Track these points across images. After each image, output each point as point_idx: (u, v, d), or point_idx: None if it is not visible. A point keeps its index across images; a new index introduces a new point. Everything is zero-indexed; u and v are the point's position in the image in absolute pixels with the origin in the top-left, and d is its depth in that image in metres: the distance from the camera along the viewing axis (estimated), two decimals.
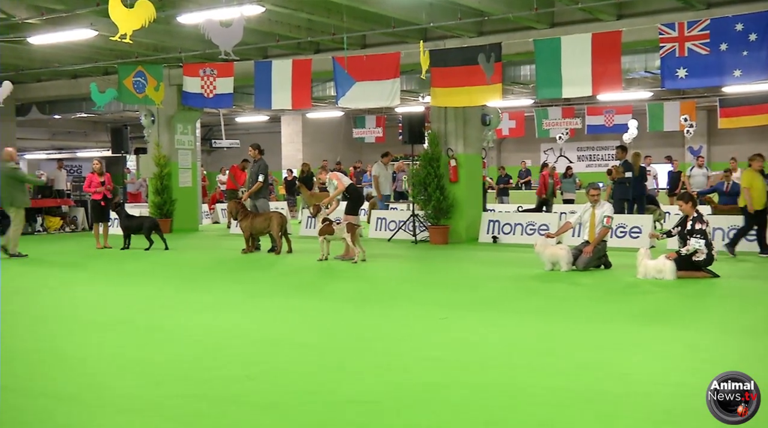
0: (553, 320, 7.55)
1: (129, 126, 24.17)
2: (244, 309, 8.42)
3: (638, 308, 8.31)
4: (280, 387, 5.15)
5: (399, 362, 5.84)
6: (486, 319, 7.64)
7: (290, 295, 9.48)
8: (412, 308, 8.31)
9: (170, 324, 7.55)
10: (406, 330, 7.15)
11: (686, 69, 11.89)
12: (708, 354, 6.02)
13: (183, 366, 5.77)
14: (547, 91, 13.53)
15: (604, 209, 11.33)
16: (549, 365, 5.65)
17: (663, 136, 28.90)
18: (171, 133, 20.01)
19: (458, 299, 8.93)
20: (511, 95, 24.23)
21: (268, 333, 7.05)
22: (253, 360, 5.98)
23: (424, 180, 16.03)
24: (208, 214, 24.57)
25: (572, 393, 4.90)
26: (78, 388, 5.23)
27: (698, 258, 10.07)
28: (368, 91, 14.59)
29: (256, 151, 14.65)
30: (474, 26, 15.30)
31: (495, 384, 5.15)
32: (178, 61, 17.91)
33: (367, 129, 29.66)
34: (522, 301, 8.83)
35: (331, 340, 6.73)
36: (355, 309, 8.40)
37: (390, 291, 9.75)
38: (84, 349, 6.48)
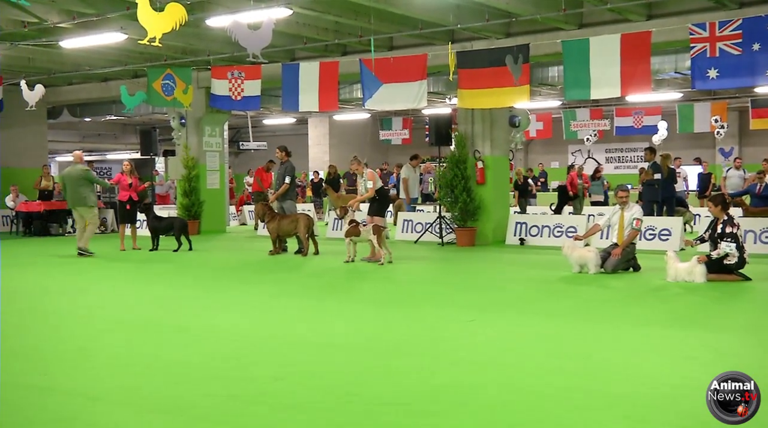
0: (581, 323, 7.48)
1: (158, 128, 24.32)
2: (272, 310, 8.45)
3: (667, 311, 8.22)
4: (310, 388, 5.16)
5: (429, 363, 5.83)
6: (514, 322, 7.59)
7: (318, 297, 9.49)
8: (439, 310, 8.28)
9: (199, 324, 7.60)
10: (435, 332, 7.13)
11: (717, 69, 11.73)
12: (737, 358, 5.93)
13: (213, 366, 5.80)
14: (575, 92, 13.43)
15: (634, 211, 11.21)
16: (579, 367, 5.61)
17: (693, 138, 28.58)
18: (199, 135, 20.17)
19: (486, 301, 8.89)
20: (539, 97, 24.10)
21: (297, 334, 7.06)
22: (283, 361, 6.00)
23: (450, 182, 15.98)
24: (235, 215, 24.72)
25: (602, 395, 4.86)
26: (107, 388, 5.28)
27: (729, 262, 9.93)
28: (395, 93, 14.58)
29: (283, 152, 14.73)
30: (501, 27, 15.24)
31: (525, 386, 5.12)
32: (206, 63, 18.04)
33: (393, 131, 29.69)
34: (550, 304, 8.77)
35: (359, 342, 6.73)
36: (382, 311, 8.39)
37: (417, 293, 9.73)
38: (113, 349, 6.54)
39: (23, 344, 6.75)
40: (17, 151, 22.56)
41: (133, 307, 8.77)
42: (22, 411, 4.77)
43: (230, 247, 16.44)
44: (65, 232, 19.62)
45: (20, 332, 7.33)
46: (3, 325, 7.59)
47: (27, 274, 12.01)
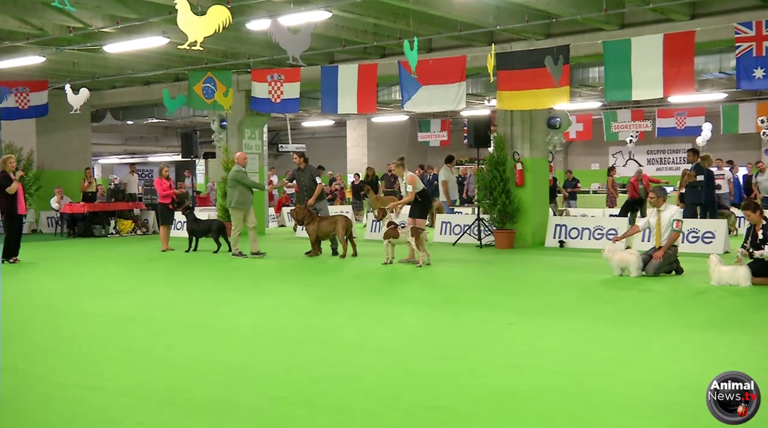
0: (624, 327, 7.39)
1: (198, 131, 24.66)
2: (313, 313, 8.49)
3: (713, 316, 8.08)
4: (351, 391, 5.17)
5: (469, 368, 5.80)
6: (555, 325, 7.52)
7: (357, 299, 9.52)
8: (478, 313, 8.24)
9: (241, 325, 7.67)
10: (474, 335, 7.10)
11: (764, 69, 11.51)
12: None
13: (256, 368, 5.86)
14: (616, 94, 13.26)
15: (673, 212, 11.00)
16: (623, 373, 5.54)
17: (738, 139, 28.08)
18: (239, 137, 20.36)
19: (525, 304, 8.83)
20: (579, 98, 23.86)
21: (338, 337, 7.09)
22: (325, 363, 6.02)
23: (489, 184, 15.91)
24: (274, 217, 24.89)
25: (647, 403, 4.79)
26: (154, 388, 5.34)
27: None
28: (434, 95, 14.56)
29: (301, 158, 14.97)
30: (541, 28, 15.13)
31: (568, 392, 5.07)
32: (246, 66, 18.21)
33: (432, 133, 29.63)
34: (591, 308, 8.68)
35: (399, 345, 6.72)
36: (421, 313, 8.38)
37: (456, 296, 9.69)
38: (159, 350, 6.62)
39: (71, 344, 6.88)
40: (62, 153, 23.03)
41: (178, 309, 8.88)
42: (69, 409, 4.86)
43: (270, 248, 16.53)
44: (108, 234, 19.95)
45: (67, 332, 7.47)
46: (51, 326, 7.76)
47: (74, 274, 12.24)
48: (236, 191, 14.00)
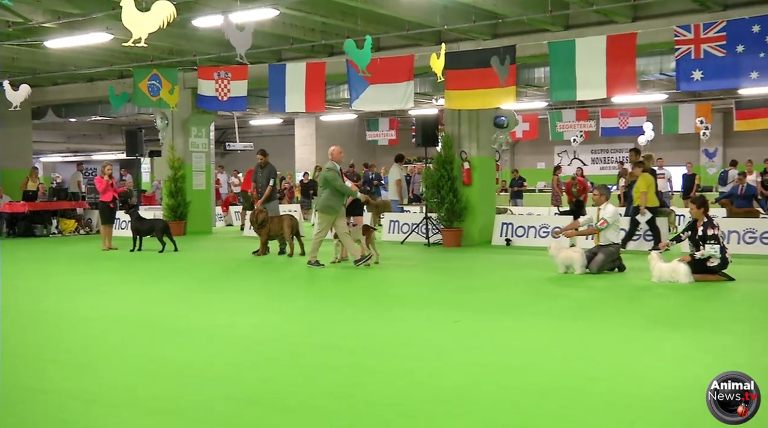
0: (568, 323, 7.53)
1: (144, 129, 24.31)
2: (262, 312, 8.45)
3: (653, 311, 8.27)
4: (304, 390, 5.15)
5: (419, 365, 5.83)
6: (501, 322, 7.62)
7: (305, 298, 9.50)
8: (426, 311, 8.29)
9: (190, 325, 7.58)
10: (422, 332, 7.14)
11: (702, 71, 11.82)
12: (725, 358, 5.98)
13: (207, 368, 5.80)
14: (561, 94, 13.48)
15: (606, 211, 11.26)
16: (568, 368, 5.64)
17: (678, 139, 28.78)
18: (185, 135, 20.11)
19: (472, 302, 8.92)
20: (525, 98, 24.16)
21: (288, 336, 7.07)
22: (276, 362, 5.99)
23: (437, 182, 16.02)
24: (221, 216, 24.65)
25: (593, 396, 4.88)
26: (104, 389, 5.26)
27: (712, 264, 10.00)
28: (382, 94, 14.59)
29: (265, 157, 14.75)
30: (488, 29, 15.29)
31: (516, 387, 5.14)
32: (192, 64, 17.99)
33: (380, 131, 29.70)
34: (537, 304, 8.80)
35: (350, 343, 6.73)
36: (370, 312, 8.40)
37: (404, 295, 9.74)
38: (109, 351, 6.51)
39: (21, 345, 6.70)
40: (2, 151, 22.40)
41: (125, 309, 8.72)
42: (19, 412, 4.74)
43: (217, 248, 16.40)
44: (49, 234, 19.51)
45: (17, 333, 7.27)
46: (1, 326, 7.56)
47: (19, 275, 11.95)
48: (324, 193, 12.15)
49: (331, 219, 12.11)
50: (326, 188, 12.06)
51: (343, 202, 12.23)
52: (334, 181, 11.99)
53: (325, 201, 12.06)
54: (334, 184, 11.99)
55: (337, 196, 12.04)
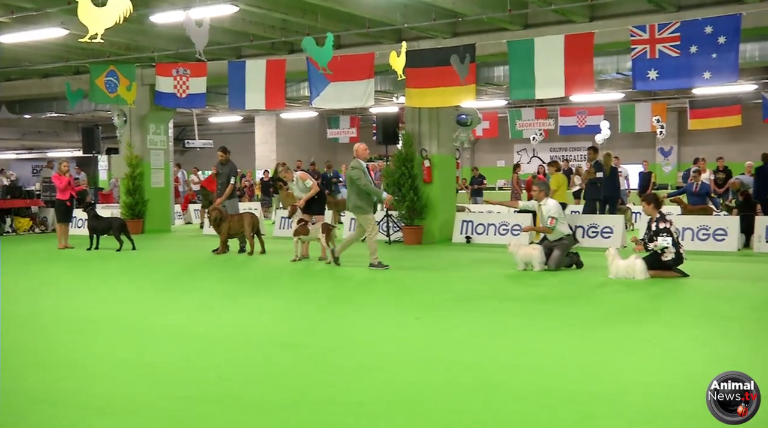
0: (527, 320, 7.60)
1: (101, 126, 23.95)
2: (221, 311, 8.38)
3: (610, 308, 8.41)
4: (262, 388, 5.14)
5: (381, 362, 5.85)
6: (461, 319, 7.67)
7: (266, 296, 9.45)
8: (386, 309, 8.32)
9: (147, 324, 7.50)
10: (382, 330, 7.16)
11: (657, 71, 12.02)
12: (683, 353, 6.09)
13: (162, 368, 5.74)
14: (520, 92, 13.61)
15: (549, 208, 11.40)
16: (527, 365, 5.70)
17: (635, 137, 29.23)
18: (143, 133, 19.87)
19: (432, 299, 8.96)
20: (485, 96, 24.34)
21: (247, 334, 7.02)
22: (234, 361, 5.95)
23: (398, 180, 16.06)
24: (180, 214, 24.41)
25: (552, 392, 4.93)
26: (56, 390, 5.18)
27: (666, 258, 10.18)
28: (342, 92, 14.56)
29: (226, 154, 14.62)
30: (448, 27, 15.36)
31: (477, 384, 5.17)
32: (150, 60, 17.77)
33: (341, 129, 29.66)
34: (496, 301, 8.87)
35: (309, 341, 6.72)
36: (331, 310, 8.40)
37: (365, 292, 9.76)
38: (62, 350, 6.42)
39: None
40: None
41: (80, 308, 8.60)
42: None
43: (175, 247, 16.24)
44: (2, 232, 19.11)
45: None
46: None
47: None
48: (353, 193, 11.71)
49: (372, 219, 11.70)
50: (353, 187, 11.64)
51: (372, 200, 11.84)
52: (358, 180, 11.55)
53: (355, 201, 11.63)
54: (358, 184, 11.55)
55: (365, 194, 11.64)
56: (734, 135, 26.98)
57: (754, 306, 8.37)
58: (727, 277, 10.54)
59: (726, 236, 13.61)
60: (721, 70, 11.59)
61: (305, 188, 13.09)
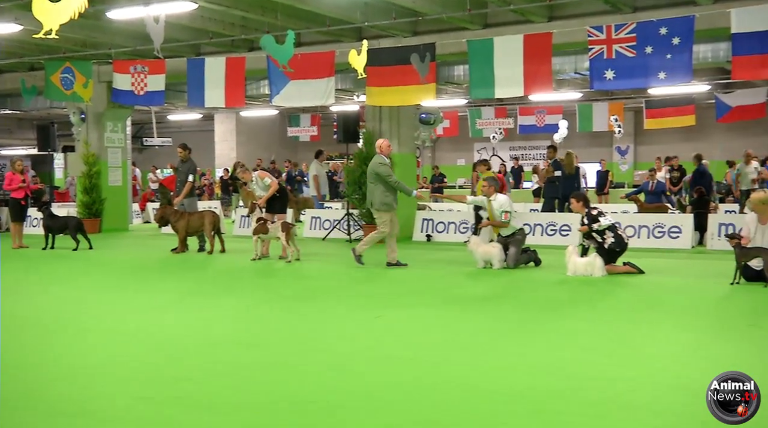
0: (486, 317, 7.67)
1: (56, 123, 23.53)
2: (181, 310, 8.30)
3: (568, 305, 8.52)
4: (220, 388, 5.10)
5: (340, 360, 5.85)
6: (422, 318, 7.70)
7: (225, 295, 9.38)
8: (347, 307, 8.32)
9: (105, 325, 7.40)
10: (343, 328, 7.16)
11: (614, 70, 12.21)
12: (642, 348, 6.20)
13: (121, 368, 5.67)
14: (480, 91, 13.72)
15: (501, 203, 11.49)
16: (485, 362, 5.75)
17: (592, 136, 29.58)
18: (100, 130, 19.57)
19: (392, 297, 8.99)
20: (445, 95, 24.45)
21: (206, 334, 6.96)
22: (194, 361, 5.90)
23: (358, 179, 16.05)
24: (138, 213, 24.11)
25: (506, 388, 4.99)
26: (11, 391, 5.07)
27: (608, 244, 10.33)
28: (303, 90, 14.53)
29: (185, 151, 14.47)
30: (408, 26, 15.41)
31: (433, 382, 5.20)
32: (107, 57, 17.53)
33: (302, 127, 29.55)
34: (456, 299, 8.93)
35: (270, 340, 6.70)
36: (291, 309, 8.37)
37: (325, 291, 9.75)
38: (17, 352, 6.29)
39: None
40: None
41: (36, 309, 8.44)
42: None
43: (133, 246, 16.05)
44: None
45: None
46: None
47: None
48: (378, 189, 11.35)
49: (390, 217, 11.45)
50: (377, 184, 11.30)
51: (397, 197, 11.61)
52: (388, 176, 11.25)
53: (382, 198, 11.31)
54: (388, 181, 11.23)
55: (393, 191, 11.38)
56: (688, 134, 27.47)
57: (708, 302, 8.56)
58: (682, 274, 10.75)
59: (680, 234, 13.87)
60: (676, 70, 11.82)
61: (265, 186, 13.04)
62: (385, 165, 11.39)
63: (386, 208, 11.38)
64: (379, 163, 11.38)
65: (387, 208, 11.39)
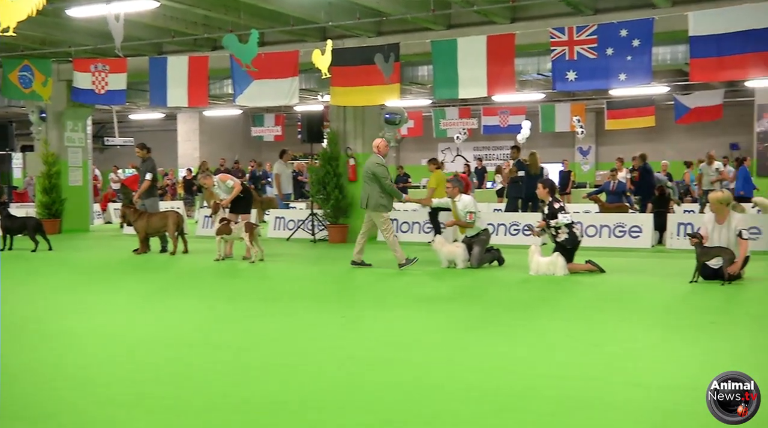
0: (450, 317, 7.71)
1: (15, 122, 23.14)
2: (144, 312, 8.21)
3: (531, 303, 8.60)
4: (182, 390, 5.05)
5: (304, 361, 5.83)
6: (385, 318, 7.72)
7: (188, 296, 9.31)
8: (311, 308, 8.30)
9: (65, 327, 7.28)
10: (308, 329, 7.14)
11: (575, 72, 12.35)
12: (598, 347, 6.27)
13: (79, 371, 5.59)
14: (444, 92, 13.77)
15: (465, 203, 11.57)
16: (445, 362, 5.78)
17: (555, 137, 29.89)
18: (60, 130, 19.28)
19: (356, 298, 9.00)
20: (410, 95, 24.52)
21: (169, 335, 6.90)
22: (156, 362, 5.84)
23: (323, 179, 16.04)
24: (100, 214, 23.80)
25: (467, 387, 5.00)
26: None
27: (560, 239, 10.46)
28: (266, 90, 14.46)
29: (144, 150, 14.32)
30: (373, 26, 15.43)
31: (396, 381, 5.20)
32: (67, 55, 17.26)
33: (266, 127, 29.41)
34: (419, 299, 8.96)
35: (233, 341, 6.65)
36: (254, 309, 8.32)
37: (289, 292, 9.72)
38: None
39: None
40: None
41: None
42: None
43: (94, 246, 15.85)
44: None
45: None
46: None
47: None
48: (374, 189, 11.21)
49: (387, 217, 11.43)
50: (374, 184, 11.19)
51: (393, 198, 11.56)
52: (384, 178, 11.19)
53: (378, 199, 11.19)
54: (383, 183, 11.17)
55: (380, 191, 11.25)
56: (648, 135, 27.90)
57: (668, 300, 8.69)
58: (642, 273, 10.90)
59: (641, 233, 14.08)
60: (636, 72, 11.99)
61: (228, 189, 12.98)
62: (383, 165, 11.32)
63: (382, 209, 11.30)
64: (377, 163, 11.30)
65: (383, 210, 11.31)
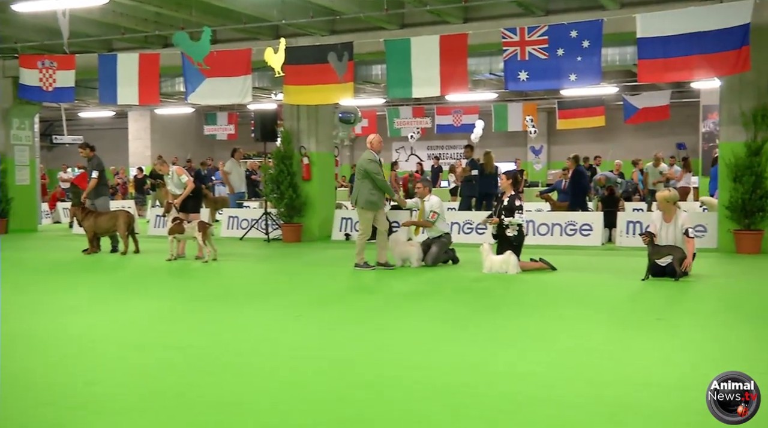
0: (403, 315, 7.74)
1: None
2: (95, 313, 8.07)
3: (485, 302, 8.68)
4: (133, 392, 4.99)
5: (261, 360, 5.80)
6: (339, 316, 7.72)
7: (140, 297, 9.18)
8: (266, 307, 8.26)
9: (10, 330, 7.12)
10: (262, 328, 7.11)
11: (527, 72, 12.50)
12: (549, 343, 6.37)
13: (25, 374, 5.47)
14: (397, 91, 13.82)
15: (432, 203, 11.64)
16: (403, 359, 5.80)
17: (508, 136, 30.19)
18: (6, 127, 18.84)
19: (310, 297, 8.97)
20: (364, 94, 24.54)
21: (119, 337, 6.78)
22: (105, 364, 5.75)
23: (276, 178, 15.96)
24: (48, 213, 23.31)
25: (421, 384, 5.03)
26: None
27: (510, 235, 10.54)
28: (219, 88, 14.35)
29: (87, 149, 14.07)
30: (326, 25, 15.39)
31: (351, 380, 5.22)
32: (13, 51, 16.88)
33: (218, 126, 29.14)
34: (373, 296, 8.99)
35: (186, 341, 6.58)
36: (207, 309, 8.24)
37: (243, 291, 9.66)
38: None
39: None
40: None
41: None
42: None
43: (42, 247, 15.53)
44: None
45: None
46: None
47: None
48: (365, 186, 11.02)
49: (372, 216, 11.11)
50: (365, 181, 10.99)
51: (384, 196, 11.35)
52: (377, 174, 10.95)
53: (368, 196, 10.97)
54: (375, 179, 10.94)
55: (380, 189, 11.08)
56: (598, 135, 28.37)
57: (619, 297, 8.85)
58: (594, 270, 11.08)
59: (591, 231, 14.31)
60: (586, 72, 12.18)
61: (180, 184, 12.85)
62: (375, 162, 11.07)
63: (370, 206, 11.05)
64: (369, 159, 11.06)
65: (371, 207, 11.06)
